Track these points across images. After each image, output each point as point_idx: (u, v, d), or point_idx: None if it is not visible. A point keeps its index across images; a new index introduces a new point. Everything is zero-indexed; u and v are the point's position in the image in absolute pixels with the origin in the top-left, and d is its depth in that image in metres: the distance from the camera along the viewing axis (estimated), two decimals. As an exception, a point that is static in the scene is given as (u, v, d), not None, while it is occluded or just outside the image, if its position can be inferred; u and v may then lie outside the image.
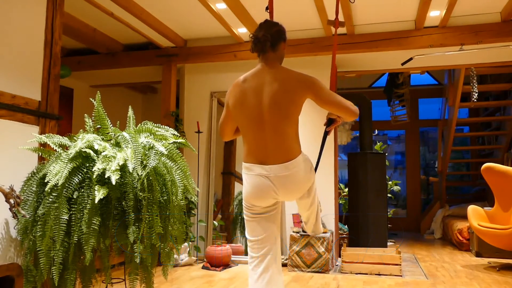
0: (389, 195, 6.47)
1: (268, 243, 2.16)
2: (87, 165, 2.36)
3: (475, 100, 6.10)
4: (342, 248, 4.60)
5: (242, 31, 4.79)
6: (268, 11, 2.71)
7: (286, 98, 2.05)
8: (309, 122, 4.82)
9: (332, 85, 2.72)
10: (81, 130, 2.62)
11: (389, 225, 5.85)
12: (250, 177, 2.11)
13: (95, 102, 2.62)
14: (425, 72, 7.50)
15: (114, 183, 2.18)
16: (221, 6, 4.15)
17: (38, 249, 2.24)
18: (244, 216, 2.22)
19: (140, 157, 2.36)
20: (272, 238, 2.17)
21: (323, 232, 4.53)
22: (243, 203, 2.20)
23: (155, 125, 2.72)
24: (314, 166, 2.33)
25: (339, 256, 5.04)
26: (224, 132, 2.31)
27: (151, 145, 2.49)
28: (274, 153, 2.06)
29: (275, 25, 2.18)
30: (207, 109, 5.38)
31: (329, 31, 4.72)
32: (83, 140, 2.38)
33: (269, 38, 2.11)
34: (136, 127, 2.68)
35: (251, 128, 2.10)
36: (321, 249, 4.46)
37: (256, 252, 2.16)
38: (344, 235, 5.60)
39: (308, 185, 2.16)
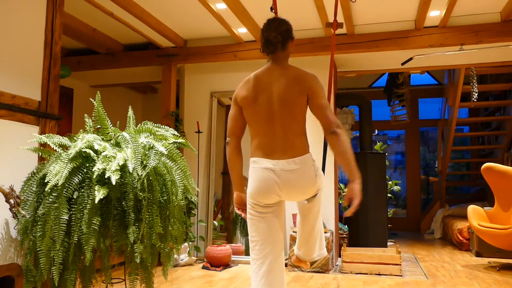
0: (389, 195, 6.47)
1: (271, 244, 2.14)
2: (87, 165, 2.36)
3: (475, 100, 6.11)
4: (342, 248, 4.60)
5: (242, 31, 4.79)
6: (273, 11, 2.73)
7: (292, 96, 2.08)
8: (312, 123, 4.82)
9: (330, 86, 2.74)
10: (81, 130, 2.62)
11: (389, 225, 5.85)
12: (256, 170, 2.12)
13: (95, 102, 2.62)
14: (425, 72, 7.51)
15: (114, 183, 2.18)
16: (221, 6, 4.15)
17: (38, 249, 2.24)
18: (248, 215, 2.20)
19: (140, 157, 2.36)
20: (275, 238, 2.15)
21: (324, 232, 4.52)
22: (247, 201, 2.18)
23: (155, 125, 2.72)
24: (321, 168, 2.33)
25: (339, 256, 5.04)
26: (233, 129, 2.24)
27: (151, 145, 2.49)
28: (282, 148, 2.08)
29: (284, 24, 2.18)
30: (207, 109, 5.38)
31: (329, 31, 4.72)
32: (83, 140, 2.38)
33: (280, 40, 2.13)
34: (136, 127, 2.68)
35: (260, 124, 2.12)
36: (321, 249, 4.46)
37: (259, 253, 2.13)
38: (344, 235, 5.60)
39: (313, 189, 2.14)
